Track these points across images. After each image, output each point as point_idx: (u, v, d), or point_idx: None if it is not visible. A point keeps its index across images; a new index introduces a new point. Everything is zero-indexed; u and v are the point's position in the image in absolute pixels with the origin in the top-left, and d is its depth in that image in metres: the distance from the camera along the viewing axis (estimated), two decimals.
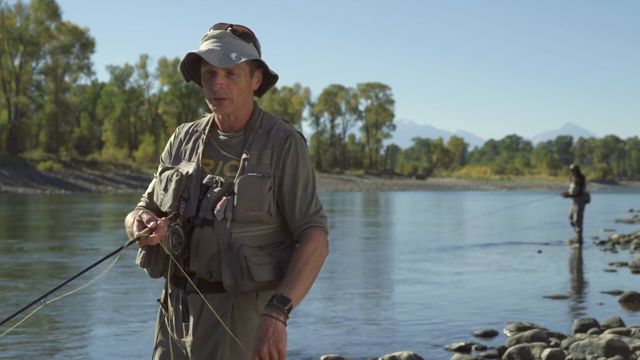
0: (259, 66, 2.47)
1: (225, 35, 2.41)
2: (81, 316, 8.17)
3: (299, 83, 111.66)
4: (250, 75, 2.44)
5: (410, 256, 14.39)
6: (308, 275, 2.34)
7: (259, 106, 2.55)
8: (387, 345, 6.84)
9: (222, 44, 2.39)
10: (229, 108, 2.42)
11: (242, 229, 2.36)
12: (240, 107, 2.45)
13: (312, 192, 2.47)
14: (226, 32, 2.42)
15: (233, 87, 2.39)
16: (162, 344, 2.50)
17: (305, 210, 2.43)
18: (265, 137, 2.46)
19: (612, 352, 6.12)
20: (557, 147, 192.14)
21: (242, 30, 2.44)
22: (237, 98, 2.42)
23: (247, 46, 2.42)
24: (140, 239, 2.30)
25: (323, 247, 2.41)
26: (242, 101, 2.44)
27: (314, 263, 2.36)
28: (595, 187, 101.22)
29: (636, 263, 12.72)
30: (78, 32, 73.79)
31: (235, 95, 2.40)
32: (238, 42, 2.41)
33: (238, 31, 2.43)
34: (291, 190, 2.43)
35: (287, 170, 2.43)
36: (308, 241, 2.39)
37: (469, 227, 23.63)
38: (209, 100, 2.43)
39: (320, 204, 2.48)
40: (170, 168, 2.52)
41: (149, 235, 2.29)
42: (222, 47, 2.38)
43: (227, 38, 2.40)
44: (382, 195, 60.53)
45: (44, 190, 51.51)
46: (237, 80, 2.39)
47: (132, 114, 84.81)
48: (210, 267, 2.39)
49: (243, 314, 2.40)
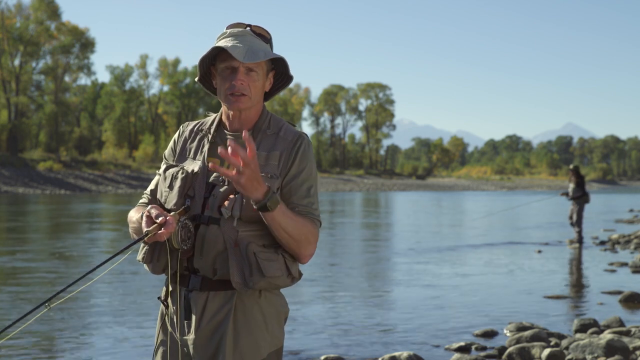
0: (272, 69, 2.51)
1: (246, 34, 2.44)
2: (82, 315, 8.17)
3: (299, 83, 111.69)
4: (265, 75, 2.47)
5: (410, 256, 14.39)
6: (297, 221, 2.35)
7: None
8: (387, 345, 6.84)
9: (244, 41, 2.41)
10: (246, 104, 2.43)
11: (249, 227, 2.37)
12: (254, 106, 2.47)
13: (314, 195, 2.49)
14: (246, 30, 2.45)
15: (252, 84, 2.42)
16: (164, 342, 2.50)
17: (306, 208, 2.45)
18: (274, 139, 2.48)
19: (612, 352, 6.12)
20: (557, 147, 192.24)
21: (260, 31, 2.48)
22: (254, 96, 2.44)
23: (265, 46, 2.46)
24: (149, 234, 2.29)
25: (313, 241, 2.42)
26: (256, 100, 2.47)
27: (304, 228, 2.37)
28: (595, 187, 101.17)
29: (636, 263, 12.72)
30: (78, 32, 73.80)
31: (253, 93, 2.43)
32: (258, 41, 2.44)
33: (256, 32, 2.47)
34: (294, 189, 2.44)
35: (294, 170, 2.44)
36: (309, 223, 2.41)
37: (469, 228, 23.63)
38: (224, 97, 2.44)
39: (319, 210, 2.51)
40: (175, 166, 2.52)
41: (157, 231, 2.29)
42: (244, 44, 2.40)
43: (248, 37, 2.43)
44: (382, 195, 60.53)
45: (44, 190, 51.50)
46: (255, 78, 2.42)
47: (132, 114, 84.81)
48: (215, 264, 2.39)
49: (246, 312, 2.40)
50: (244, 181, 2.18)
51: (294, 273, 2.45)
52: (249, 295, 2.41)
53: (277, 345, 2.47)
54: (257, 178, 2.20)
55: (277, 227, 2.32)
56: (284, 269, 2.40)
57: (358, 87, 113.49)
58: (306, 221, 2.40)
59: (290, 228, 2.34)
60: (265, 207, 2.26)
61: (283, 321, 2.51)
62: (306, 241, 2.39)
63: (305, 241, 2.39)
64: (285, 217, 2.32)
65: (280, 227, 2.33)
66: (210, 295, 2.40)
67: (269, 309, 2.44)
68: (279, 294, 2.51)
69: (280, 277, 2.39)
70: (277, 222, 2.31)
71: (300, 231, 2.36)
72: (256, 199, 2.26)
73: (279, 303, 2.48)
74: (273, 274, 2.37)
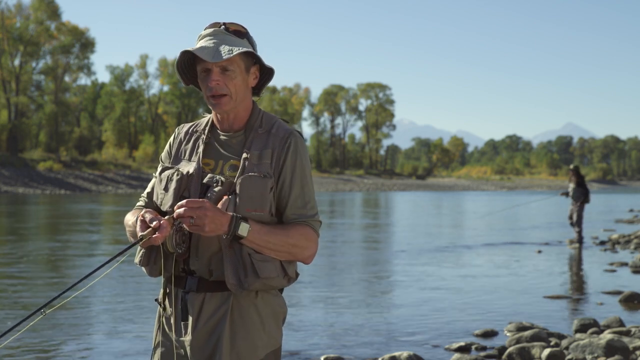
0: (255, 62, 2.47)
1: (219, 33, 2.41)
2: (80, 317, 8.16)
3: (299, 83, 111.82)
4: (246, 71, 2.43)
5: (410, 256, 14.38)
6: (282, 233, 2.33)
7: (259, 106, 2.55)
8: (387, 345, 6.84)
9: (215, 40, 2.39)
10: (228, 105, 2.41)
11: None
12: (239, 105, 2.44)
13: (309, 194, 2.46)
14: (219, 29, 2.43)
15: (229, 83, 2.38)
16: (161, 344, 2.49)
17: (301, 209, 2.43)
18: (266, 137, 2.45)
19: (612, 352, 6.11)
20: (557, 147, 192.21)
21: (235, 27, 2.45)
22: (235, 94, 2.41)
23: (240, 42, 2.42)
24: (143, 239, 2.28)
25: (309, 244, 2.39)
26: (240, 98, 2.43)
27: (291, 238, 2.35)
28: (595, 187, 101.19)
29: (636, 263, 12.71)
30: (78, 32, 73.80)
31: (232, 91, 2.39)
32: (231, 38, 2.41)
33: (230, 29, 2.44)
34: (289, 189, 2.42)
35: (287, 169, 2.42)
36: (299, 227, 2.39)
37: (469, 228, 23.62)
38: (207, 100, 2.42)
39: (316, 208, 2.47)
40: (170, 168, 2.51)
41: (152, 235, 2.28)
42: (215, 43, 2.38)
43: (220, 35, 2.41)
44: (382, 195, 60.52)
45: (44, 190, 51.51)
46: (232, 76, 2.39)
47: (132, 114, 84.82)
48: (210, 265, 2.38)
49: (243, 313, 2.39)
50: (208, 229, 2.22)
51: (291, 273, 2.43)
52: (245, 296, 2.39)
53: (274, 345, 2.45)
54: (217, 214, 2.23)
55: (259, 248, 2.32)
56: (279, 270, 2.38)
57: (358, 87, 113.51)
58: (294, 229, 2.37)
59: (273, 244, 2.33)
60: (236, 237, 2.27)
61: (281, 322, 2.49)
62: (297, 249, 2.37)
63: (296, 249, 2.37)
64: (264, 237, 2.31)
65: (262, 247, 2.32)
66: (207, 297, 2.39)
67: (266, 310, 2.42)
68: (277, 294, 2.48)
69: (275, 278, 2.37)
70: (256, 245, 2.30)
71: (286, 243, 2.34)
72: (223, 232, 2.26)
73: (277, 303, 2.47)
74: (268, 275, 2.35)
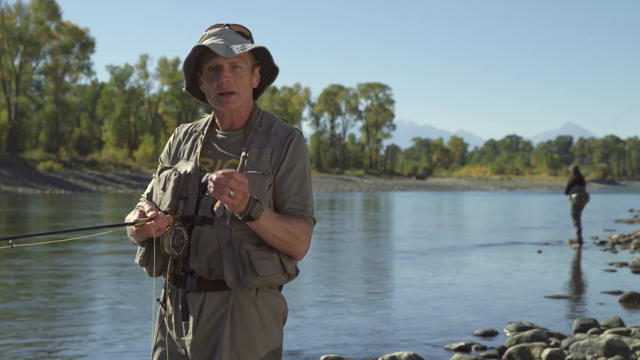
0: (258, 64, 2.49)
1: (225, 32, 2.44)
2: (80, 316, 8.17)
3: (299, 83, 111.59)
4: (251, 71, 2.46)
5: (410, 256, 14.38)
6: (286, 224, 2.34)
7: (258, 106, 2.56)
8: (387, 345, 6.84)
9: (223, 38, 2.41)
10: (237, 103, 2.43)
11: (242, 226, 2.35)
12: (244, 104, 2.46)
13: (307, 191, 2.47)
14: (225, 29, 2.45)
15: (238, 80, 2.41)
16: (162, 343, 2.50)
17: (299, 205, 2.43)
18: (265, 136, 2.46)
19: (612, 352, 6.11)
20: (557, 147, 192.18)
21: (239, 29, 2.48)
22: (243, 92, 2.43)
23: (246, 42, 2.45)
24: (137, 223, 2.30)
25: (305, 239, 2.40)
26: (246, 97, 2.46)
27: (294, 229, 2.35)
28: (595, 187, 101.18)
29: (636, 263, 12.71)
30: (78, 32, 73.77)
31: (241, 89, 2.42)
32: (238, 37, 2.44)
33: (235, 30, 2.47)
34: (288, 185, 2.42)
35: (286, 165, 2.43)
36: (300, 220, 2.40)
37: (469, 228, 23.62)
38: (214, 98, 2.43)
39: (313, 206, 2.48)
40: (169, 168, 2.52)
41: (147, 222, 2.30)
42: (224, 40, 2.40)
43: (227, 34, 2.44)
44: (382, 195, 60.51)
45: (44, 190, 51.48)
46: (241, 74, 2.41)
47: (132, 114, 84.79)
48: (210, 265, 2.38)
49: (243, 312, 2.39)
50: (237, 202, 2.20)
51: (290, 270, 2.43)
52: (245, 295, 2.39)
53: (275, 345, 2.45)
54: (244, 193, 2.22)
55: (265, 233, 2.32)
56: (278, 267, 2.39)
57: (358, 87, 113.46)
58: (296, 221, 2.38)
59: (278, 232, 2.33)
60: (249, 217, 2.27)
61: (281, 321, 2.50)
62: (297, 241, 2.38)
63: (296, 241, 2.38)
64: (272, 222, 2.31)
65: (268, 232, 2.32)
66: (207, 296, 2.39)
67: (266, 309, 2.43)
68: (277, 293, 2.49)
69: (274, 275, 2.38)
70: (263, 229, 2.31)
71: (289, 232, 2.35)
72: (240, 211, 2.26)
73: (277, 303, 2.47)
74: (267, 273, 2.35)
